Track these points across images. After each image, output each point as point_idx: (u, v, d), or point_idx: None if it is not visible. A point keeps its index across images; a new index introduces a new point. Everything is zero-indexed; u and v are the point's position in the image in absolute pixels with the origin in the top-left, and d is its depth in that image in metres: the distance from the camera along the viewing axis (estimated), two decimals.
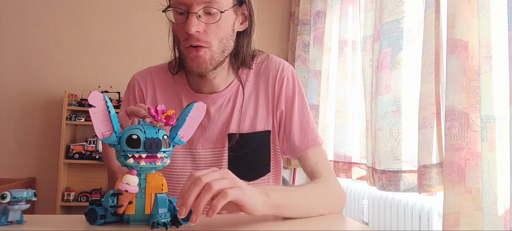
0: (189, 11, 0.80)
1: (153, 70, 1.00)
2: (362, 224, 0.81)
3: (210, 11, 0.81)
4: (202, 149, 0.93)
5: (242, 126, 0.93)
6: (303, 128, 0.93)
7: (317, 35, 2.58)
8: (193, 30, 0.79)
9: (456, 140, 1.25)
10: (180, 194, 0.61)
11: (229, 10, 0.84)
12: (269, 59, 0.99)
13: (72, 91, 2.91)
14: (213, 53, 0.84)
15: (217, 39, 0.83)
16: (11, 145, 2.90)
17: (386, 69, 1.71)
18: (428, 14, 1.48)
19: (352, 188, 2.40)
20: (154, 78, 0.98)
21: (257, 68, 0.97)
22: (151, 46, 3.07)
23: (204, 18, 0.81)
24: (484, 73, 1.23)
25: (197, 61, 0.83)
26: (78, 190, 2.84)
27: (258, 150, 0.94)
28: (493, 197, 1.19)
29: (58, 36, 3.00)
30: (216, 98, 0.93)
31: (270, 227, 0.68)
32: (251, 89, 0.96)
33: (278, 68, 0.96)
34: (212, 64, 0.85)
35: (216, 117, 0.93)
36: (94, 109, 0.63)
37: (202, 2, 0.79)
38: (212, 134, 0.93)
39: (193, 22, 0.79)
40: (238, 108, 0.94)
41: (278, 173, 1.01)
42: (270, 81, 0.95)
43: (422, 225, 1.71)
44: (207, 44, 0.82)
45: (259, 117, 0.94)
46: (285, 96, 0.95)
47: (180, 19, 0.82)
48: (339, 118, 2.27)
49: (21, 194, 0.62)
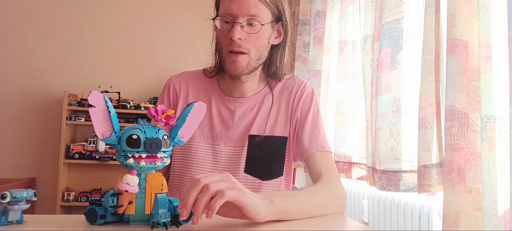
0: (234, 21, 0.93)
1: (188, 73, 1.11)
2: (362, 224, 0.81)
3: (252, 23, 0.94)
4: (224, 146, 1.03)
5: (263, 129, 1.03)
6: (314, 134, 1.02)
7: (317, 35, 2.58)
8: (236, 37, 0.92)
9: (456, 139, 1.25)
10: (181, 197, 0.62)
11: (268, 24, 0.96)
12: (294, 77, 1.11)
13: (72, 91, 2.91)
14: (250, 60, 0.96)
15: (255, 48, 0.96)
16: (11, 145, 2.90)
17: (386, 69, 1.72)
18: (428, 14, 1.48)
19: (352, 188, 2.40)
20: (189, 81, 1.09)
21: (283, 83, 1.09)
22: (151, 46, 3.07)
23: (246, 29, 0.94)
24: (484, 73, 1.23)
25: (235, 66, 0.95)
26: (78, 190, 2.84)
27: (274, 153, 1.03)
28: (493, 197, 1.19)
29: (58, 36, 3.00)
30: (243, 102, 1.04)
31: (270, 227, 0.68)
32: (275, 99, 1.07)
33: (300, 85, 1.08)
34: (247, 69, 0.97)
35: (241, 118, 1.03)
36: (94, 109, 0.63)
37: (247, 15, 0.92)
38: (234, 133, 1.03)
39: (237, 31, 0.92)
40: (261, 113, 1.04)
41: (289, 178, 1.08)
42: (292, 95, 1.07)
43: (422, 225, 1.71)
44: (247, 51, 0.95)
45: (278, 124, 1.04)
46: (302, 107, 1.05)
47: (226, 27, 0.95)
48: (339, 118, 2.27)
49: (21, 194, 0.62)
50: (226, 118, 1.03)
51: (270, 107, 1.05)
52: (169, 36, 3.09)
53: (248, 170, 1.01)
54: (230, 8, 0.92)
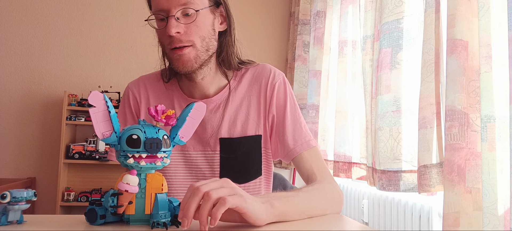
0: (168, 15, 0.86)
1: (145, 78, 1.05)
2: (362, 224, 0.81)
3: (187, 12, 0.87)
4: (194, 151, 0.98)
5: (233, 130, 0.97)
6: (297, 131, 0.97)
7: (317, 35, 2.58)
8: (173, 31, 0.85)
9: (456, 140, 1.25)
10: (181, 206, 0.61)
11: (205, 9, 0.89)
12: (262, 67, 1.03)
13: (72, 91, 2.91)
14: (198, 52, 0.89)
15: (199, 38, 0.89)
16: (11, 145, 2.90)
17: (386, 69, 1.72)
18: (428, 14, 1.48)
19: (352, 188, 2.40)
20: (147, 86, 1.03)
21: (250, 76, 1.01)
22: (151, 46, 3.07)
23: (182, 20, 0.87)
24: (484, 73, 1.23)
25: (182, 60, 0.88)
26: (78, 190, 2.84)
27: (249, 154, 0.98)
28: (493, 197, 1.19)
29: (58, 36, 3.00)
30: (207, 103, 0.96)
31: (270, 227, 0.68)
32: (243, 95, 1.00)
33: (270, 75, 1.00)
34: (197, 62, 0.90)
35: (206, 121, 0.97)
36: (94, 109, 0.63)
37: (179, 5, 0.86)
38: (203, 137, 0.97)
39: (173, 24, 0.85)
40: (229, 113, 0.98)
41: (269, 176, 1.04)
42: (262, 88, 0.99)
43: (422, 225, 1.71)
44: (190, 43, 0.88)
45: (250, 121, 0.98)
46: (276, 101, 0.99)
47: (162, 24, 0.88)
48: (339, 118, 2.27)
49: (21, 194, 0.62)
50: None
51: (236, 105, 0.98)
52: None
53: (224, 174, 0.96)
54: (160, 3, 0.86)
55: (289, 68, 3.15)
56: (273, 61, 3.28)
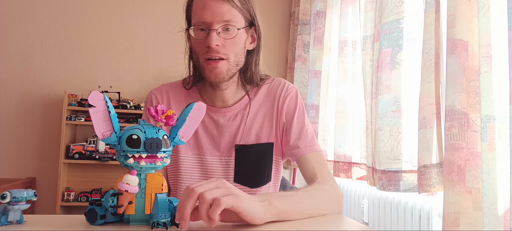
0: (210, 28, 0.92)
1: (167, 85, 1.10)
2: (362, 224, 0.81)
3: (228, 28, 0.94)
4: (210, 157, 1.03)
5: (248, 138, 1.03)
6: (303, 135, 1.02)
7: (317, 35, 2.58)
8: (214, 44, 0.91)
9: (456, 140, 1.25)
10: (177, 208, 0.61)
11: (242, 29, 0.97)
12: (277, 81, 1.10)
13: (72, 91, 2.91)
14: (230, 66, 0.96)
15: (233, 53, 0.96)
16: (11, 145, 2.90)
17: (386, 69, 1.72)
18: (428, 14, 1.48)
19: (352, 188, 2.40)
20: (169, 93, 1.08)
21: (265, 89, 1.08)
22: (151, 46, 3.07)
23: (222, 35, 0.94)
24: (484, 73, 1.23)
25: (215, 72, 0.95)
26: (78, 190, 2.84)
27: (262, 160, 1.04)
28: (493, 197, 1.19)
29: (58, 36, 3.00)
30: (226, 112, 1.04)
31: (270, 227, 0.68)
32: (259, 106, 1.06)
33: (283, 88, 1.08)
34: (228, 75, 0.97)
35: (224, 128, 1.03)
36: (94, 109, 0.63)
37: (221, 21, 0.92)
38: (220, 144, 1.03)
39: (214, 37, 0.92)
40: (245, 122, 1.04)
41: (277, 182, 1.10)
42: (276, 99, 1.06)
43: (422, 225, 1.71)
44: (226, 56, 0.95)
45: (264, 130, 1.04)
46: (286, 110, 1.05)
47: (202, 35, 0.94)
48: (339, 118, 2.27)
49: (21, 194, 0.62)
50: (210, 128, 1.03)
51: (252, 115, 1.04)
52: (169, 36, 3.08)
53: (238, 179, 1.02)
54: (203, 17, 0.92)
55: (289, 68, 3.15)
56: (273, 61, 3.28)
